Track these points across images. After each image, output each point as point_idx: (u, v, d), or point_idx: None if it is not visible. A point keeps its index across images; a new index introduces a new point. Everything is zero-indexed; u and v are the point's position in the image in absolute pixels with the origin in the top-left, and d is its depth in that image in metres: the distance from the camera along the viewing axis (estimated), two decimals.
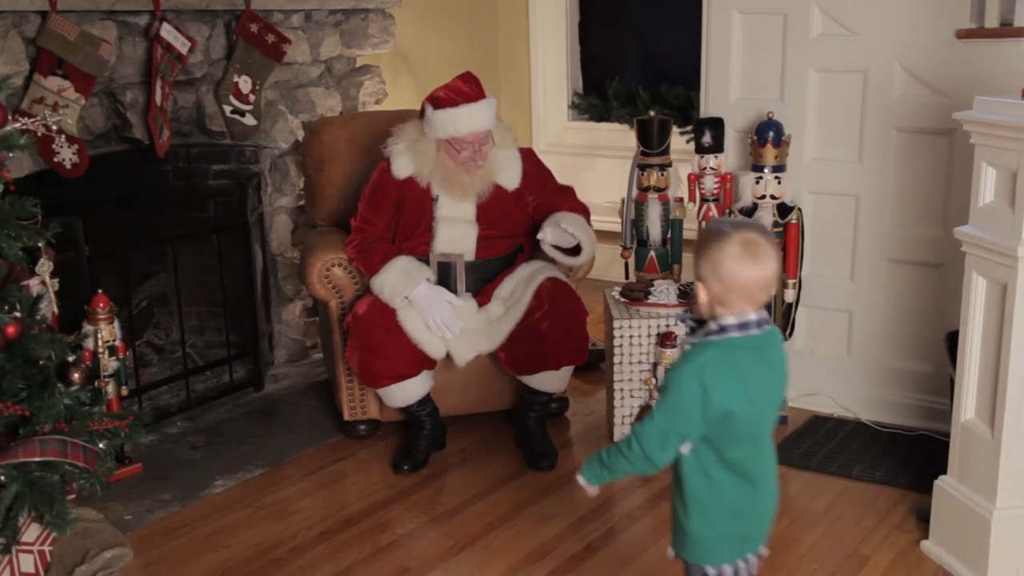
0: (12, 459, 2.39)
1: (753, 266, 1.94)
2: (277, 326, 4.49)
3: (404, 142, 3.47)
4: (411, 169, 3.45)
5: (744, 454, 2.01)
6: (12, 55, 3.31)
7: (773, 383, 2.04)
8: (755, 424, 2.01)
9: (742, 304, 1.97)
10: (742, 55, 3.87)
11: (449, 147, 3.37)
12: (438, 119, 3.35)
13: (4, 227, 2.52)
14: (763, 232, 2.00)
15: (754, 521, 2.07)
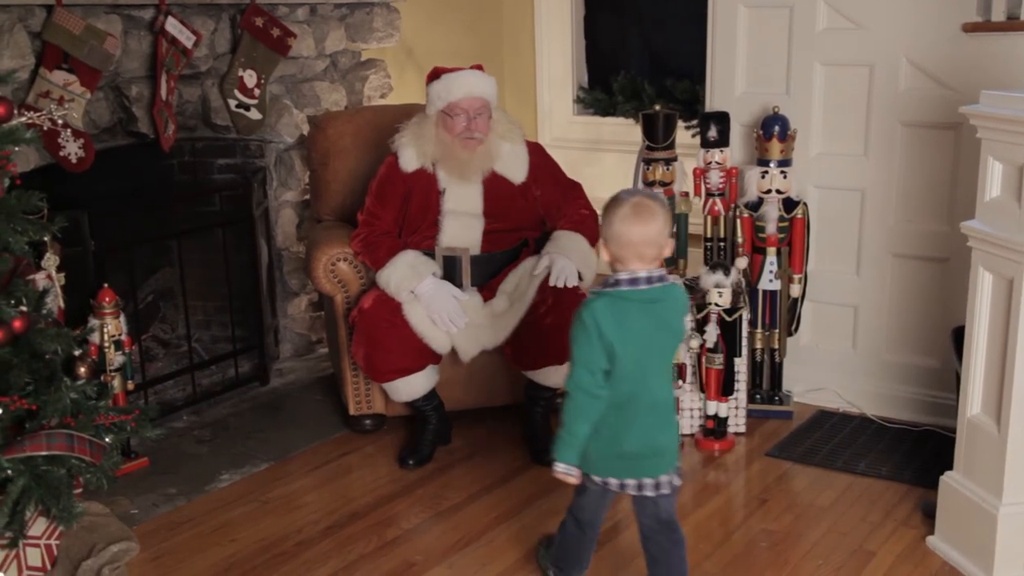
0: (19, 453, 2.39)
1: (639, 225, 2.29)
2: (283, 320, 4.49)
3: (409, 132, 3.47)
4: (417, 161, 3.45)
5: (624, 391, 2.34)
6: (18, 49, 3.30)
7: (659, 333, 2.36)
8: (636, 367, 2.33)
9: (634, 261, 2.31)
10: (747, 49, 3.86)
11: (445, 118, 3.38)
12: (434, 90, 3.38)
13: (10, 221, 2.53)
14: (653, 197, 2.36)
15: (631, 447, 2.39)
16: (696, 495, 3.25)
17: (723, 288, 3.44)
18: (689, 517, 3.09)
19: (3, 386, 2.47)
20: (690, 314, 3.51)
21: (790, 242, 3.70)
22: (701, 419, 3.62)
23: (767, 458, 3.48)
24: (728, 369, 3.51)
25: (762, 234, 3.70)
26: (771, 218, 3.67)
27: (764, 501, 3.19)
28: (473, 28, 5.74)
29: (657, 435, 2.42)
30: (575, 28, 6.00)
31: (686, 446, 3.58)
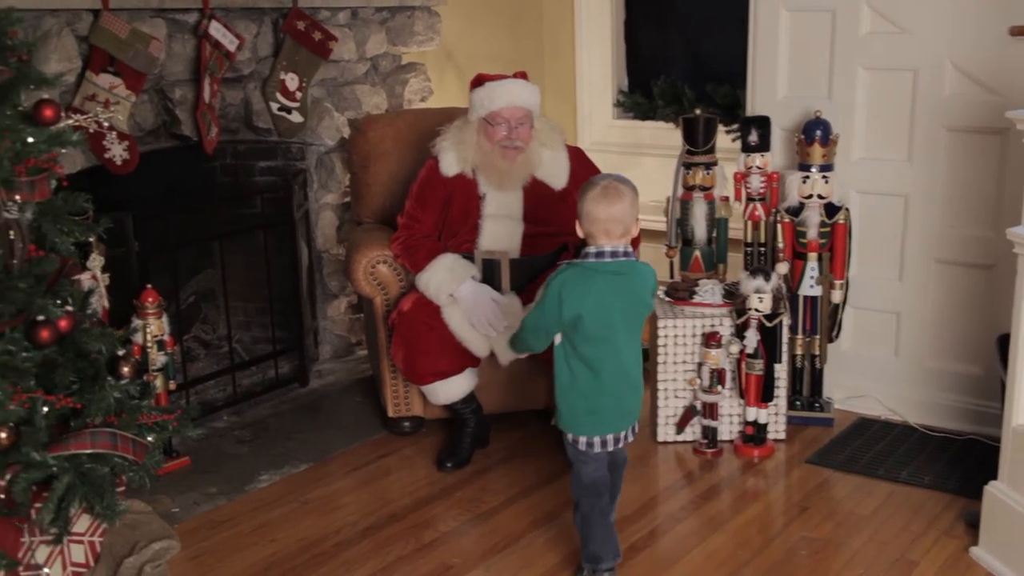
0: (64, 451, 2.42)
1: (605, 204, 2.57)
2: (322, 322, 4.52)
3: (450, 137, 3.48)
4: (458, 166, 3.45)
5: (592, 351, 2.61)
6: (65, 53, 3.35)
7: (623, 303, 2.62)
8: (602, 330, 2.60)
9: (601, 237, 2.58)
10: (789, 53, 3.83)
11: (487, 126, 3.38)
12: (477, 97, 3.38)
13: (57, 222, 2.56)
14: (622, 180, 2.64)
15: (601, 404, 2.65)
16: (735, 502, 3.22)
17: (763, 294, 3.42)
18: (728, 524, 3.08)
19: (49, 385, 2.50)
20: (730, 322, 3.50)
21: (831, 247, 3.67)
22: (740, 425, 3.59)
23: (807, 465, 3.45)
24: (768, 375, 3.48)
25: (803, 239, 3.67)
26: (812, 223, 3.64)
27: (804, 508, 3.16)
28: (513, 31, 5.74)
29: (627, 397, 2.70)
30: (615, 32, 5.98)
31: (725, 452, 3.55)
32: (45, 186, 2.49)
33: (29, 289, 2.44)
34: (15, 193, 2.38)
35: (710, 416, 3.53)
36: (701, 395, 3.52)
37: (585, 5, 5.95)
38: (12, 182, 2.37)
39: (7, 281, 2.40)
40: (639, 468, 3.47)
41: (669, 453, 3.58)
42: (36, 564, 2.55)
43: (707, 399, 3.51)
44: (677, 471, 3.46)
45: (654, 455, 3.57)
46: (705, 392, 3.51)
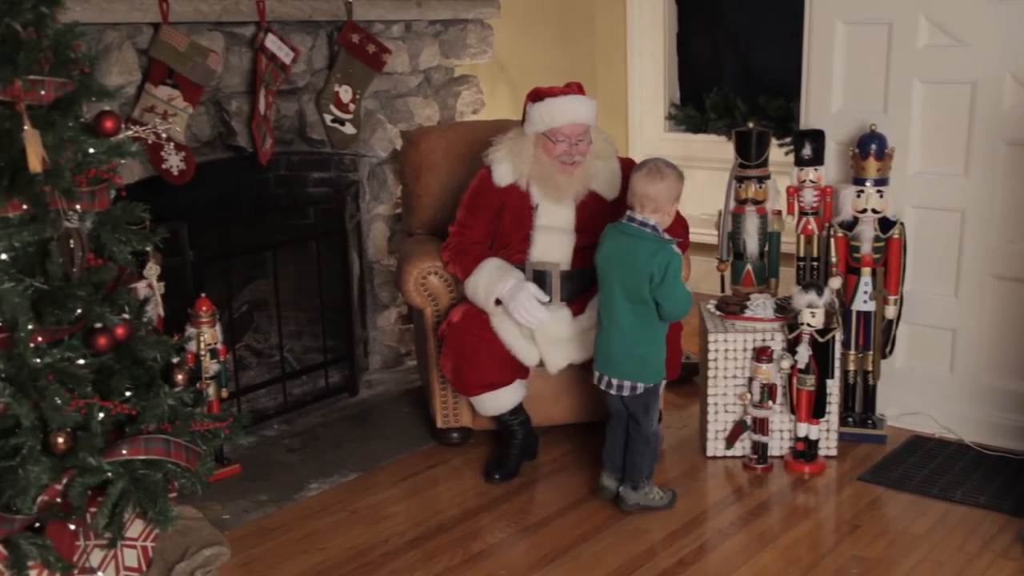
0: (118, 456, 2.46)
1: (644, 182, 3.03)
2: (372, 332, 4.55)
3: (504, 147, 3.48)
4: (512, 176, 3.46)
5: (602, 295, 3.15)
6: (126, 65, 3.41)
7: (621, 260, 3.06)
8: (604, 277, 3.12)
9: (636, 207, 3.06)
10: (844, 66, 3.80)
11: (546, 141, 3.38)
12: (537, 111, 3.37)
13: (115, 231, 2.61)
14: (668, 165, 3.07)
15: (599, 341, 3.18)
16: (785, 518, 3.19)
17: (816, 308, 3.38)
18: (777, 540, 3.04)
19: (105, 391, 2.54)
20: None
21: (886, 262, 3.63)
22: (791, 441, 3.56)
23: (859, 482, 3.41)
24: (820, 391, 3.45)
25: (857, 254, 3.63)
26: (866, 238, 3.60)
27: (856, 526, 3.12)
28: (566, 44, 5.75)
29: (613, 347, 3.12)
30: (668, 44, 5.97)
31: (775, 468, 3.52)
32: (105, 196, 2.54)
33: (88, 297, 2.48)
34: (76, 203, 2.43)
35: (760, 431, 3.50)
36: (751, 410, 3.49)
37: (638, 17, 5.94)
38: (73, 192, 2.42)
39: (67, 289, 2.45)
40: (688, 482, 3.44)
41: (718, 468, 3.56)
42: (91, 568, 2.59)
43: (757, 414, 3.48)
44: (726, 486, 3.43)
45: (703, 470, 3.55)
46: (755, 407, 3.48)
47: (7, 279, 2.34)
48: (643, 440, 3.20)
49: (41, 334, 2.39)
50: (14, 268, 2.38)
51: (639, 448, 3.21)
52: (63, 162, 2.40)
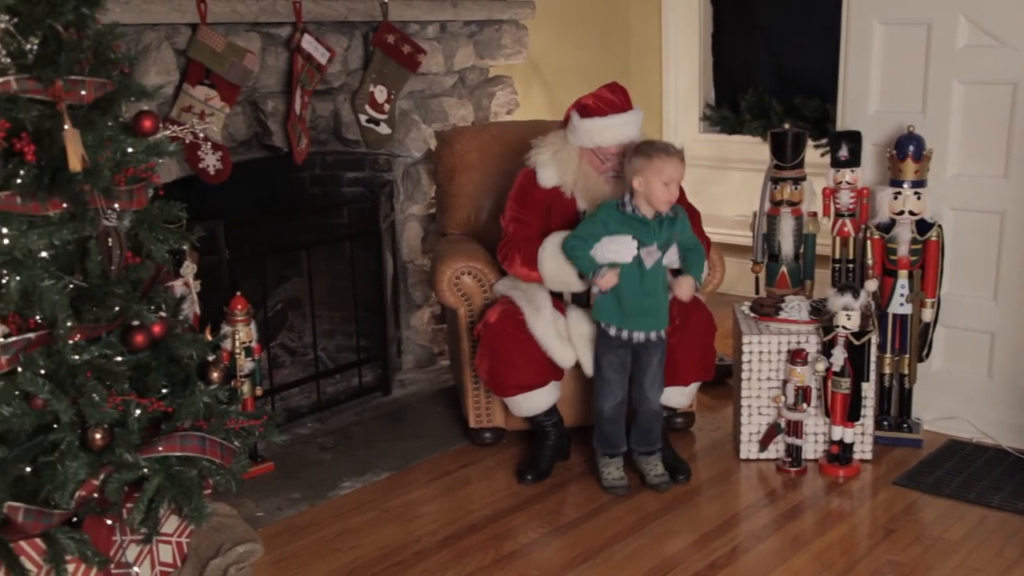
0: (154, 453, 2.48)
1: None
2: (406, 332, 4.56)
3: (548, 151, 3.46)
4: (556, 180, 3.44)
5: None
6: (164, 66, 3.45)
7: None
8: None
9: None
10: (882, 66, 3.77)
11: (592, 156, 3.37)
12: (584, 128, 3.35)
13: (152, 230, 2.63)
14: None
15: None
16: (818, 522, 3.17)
17: (851, 311, 3.36)
18: (811, 544, 3.02)
19: (142, 388, 2.56)
20: (817, 336, 3.45)
21: (923, 265, 3.59)
22: (825, 444, 3.53)
23: (894, 487, 3.38)
24: (855, 394, 3.42)
25: (893, 256, 3.60)
26: (903, 240, 3.57)
27: (891, 531, 3.09)
28: (600, 45, 5.74)
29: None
30: (703, 45, 5.95)
31: (809, 471, 3.49)
32: (143, 195, 2.57)
33: (125, 295, 2.51)
34: (114, 201, 2.46)
35: (794, 434, 3.47)
36: (785, 413, 3.47)
37: (673, 18, 5.92)
38: (112, 191, 2.44)
39: (105, 287, 2.48)
40: (721, 485, 3.43)
41: (752, 470, 3.54)
42: (127, 563, 2.62)
43: (792, 417, 3.46)
44: (760, 489, 3.42)
45: (736, 472, 3.53)
46: (790, 410, 3.46)
47: (47, 277, 2.37)
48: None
49: (80, 331, 2.42)
50: (54, 266, 2.41)
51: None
52: (102, 161, 2.42)
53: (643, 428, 3.37)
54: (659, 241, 3.22)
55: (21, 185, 2.34)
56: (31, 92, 2.35)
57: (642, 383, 3.33)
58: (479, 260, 3.64)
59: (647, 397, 3.33)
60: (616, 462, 3.39)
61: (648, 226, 3.20)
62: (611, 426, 3.36)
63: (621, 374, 3.32)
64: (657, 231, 3.21)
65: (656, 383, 3.33)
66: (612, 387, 3.32)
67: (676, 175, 3.19)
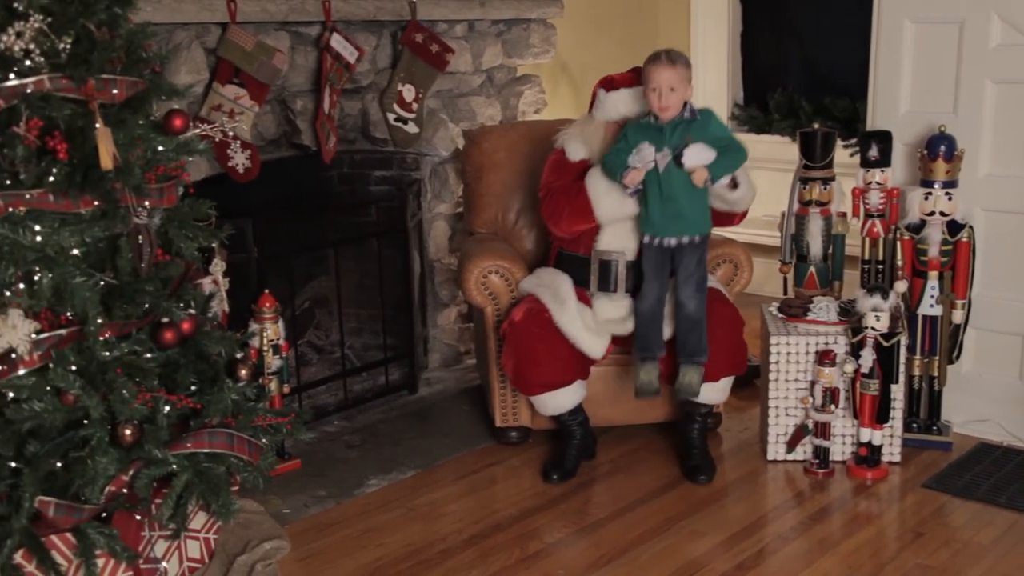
0: (183, 449, 2.50)
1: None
2: (432, 331, 4.57)
3: (575, 129, 3.52)
4: (583, 152, 3.47)
5: None
6: (194, 65, 3.47)
7: None
8: None
9: None
10: (913, 66, 3.74)
11: (617, 128, 3.39)
12: (610, 100, 3.39)
13: (182, 228, 2.65)
14: None
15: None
16: (846, 524, 3.15)
17: (881, 312, 3.33)
18: (838, 547, 3.00)
19: (171, 385, 2.59)
20: (846, 336, 3.43)
21: (953, 266, 3.56)
22: (853, 446, 3.51)
23: (923, 490, 3.35)
24: (884, 396, 3.39)
25: (923, 257, 3.57)
26: (934, 241, 3.54)
27: (919, 534, 3.07)
28: (628, 43, 5.72)
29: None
30: (731, 44, 5.92)
31: (836, 473, 3.47)
32: (173, 193, 2.59)
33: (155, 292, 2.53)
34: (145, 199, 2.48)
35: (822, 436, 3.45)
36: (813, 414, 3.45)
37: (701, 17, 5.90)
38: (143, 189, 2.46)
39: (135, 284, 2.50)
40: (747, 486, 3.41)
41: (779, 472, 3.52)
42: (155, 558, 2.64)
43: (819, 418, 3.44)
44: (787, 491, 3.40)
45: (763, 473, 3.51)
46: (817, 411, 3.44)
47: (78, 274, 2.39)
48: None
49: (110, 328, 2.44)
50: (85, 263, 2.44)
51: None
52: (133, 159, 2.45)
53: (681, 336, 3.34)
54: (669, 145, 3.21)
55: (53, 183, 2.36)
56: (64, 91, 2.38)
57: (679, 289, 3.32)
58: (506, 259, 3.64)
59: (683, 303, 3.31)
60: (648, 365, 3.35)
61: (661, 132, 3.23)
62: (643, 328, 3.37)
63: (656, 278, 3.34)
64: (669, 135, 3.22)
65: (691, 288, 3.31)
66: (647, 288, 3.35)
67: (662, 81, 3.19)
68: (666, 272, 3.34)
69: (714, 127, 3.30)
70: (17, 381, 2.34)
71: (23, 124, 2.33)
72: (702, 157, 3.20)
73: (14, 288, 2.34)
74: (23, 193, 2.34)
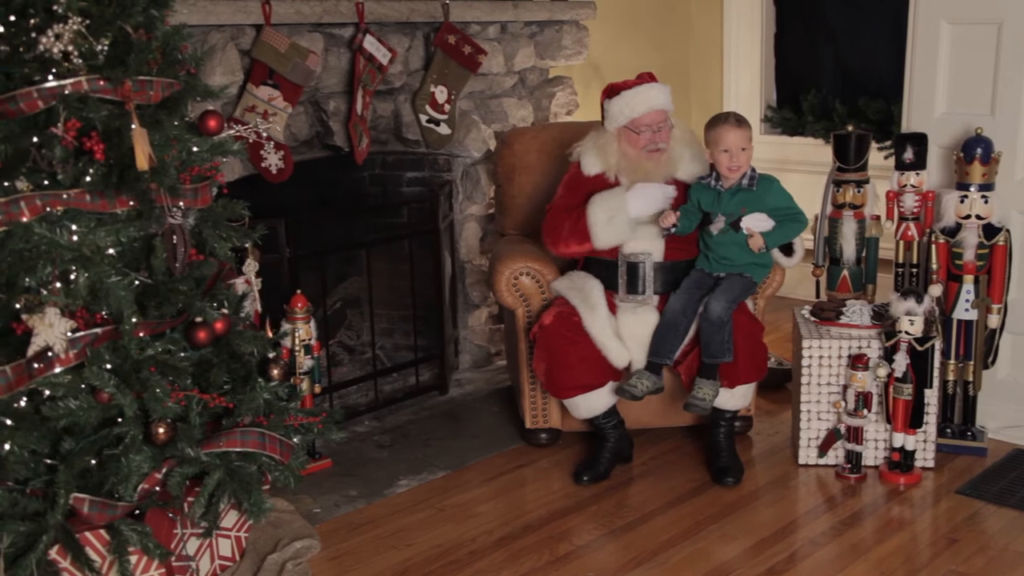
0: (216, 448, 2.52)
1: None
2: (463, 332, 4.58)
3: (588, 143, 3.53)
4: (599, 166, 3.48)
5: None
6: (229, 66, 3.50)
7: None
8: None
9: None
10: (949, 67, 3.70)
11: (629, 133, 3.40)
12: (615, 106, 3.41)
13: (216, 228, 2.67)
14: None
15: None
16: (878, 530, 3.12)
17: (915, 316, 3.30)
18: (870, 552, 2.98)
19: (204, 384, 2.61)
20: (879, 341, 3.40)
21: (989, 270, 3.52)
22: (886, 451, 3.48)
23: (957, 496, 3.32)
24: (917, 400, 3.36)
25: (959, 261, 3.53)
26: (969, 244, 3.50)
27: (953, 541, 3.04)
28: (661, 45, 5.72)
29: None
30: (765, 45, 5.89)
31: (869, 478, 3.44)
32: (207, 193, 2.61)
33: (189, 292, 2.55)
34: (180, 200, 2.50)
35: (854, 440, 3.43)
36: (846, 418, 3.43)
37: (735, 18, 5.88)
38: (177, 189, 2.49)
39: (169, 283, 2.52)
40: (778, 490, 3.39)
41: (810, 476, 3.49)
42: (187, 555, 2.66)
43: (852, 423, 3.42)
44: (818, 495, 3.37)
45: (795, 477, 3.49)
46: (850, 415, 3.41)
47: (114, 273, 2.42)
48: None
49: (144, 327, 2.46)
50: (120, 262, 2.46)
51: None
52: (168, 160, 2.47)
53: (705, 337, 3.33)
54: (724, 211, 3.33)
55: (90, 183, 2.39)
56: (101, 92, 2.40)
57: (712, 294, 3.35)
58: (537, 261, 3.64)
59: (711, 306, 3.31)
60: (647, 373, 3.37)
61: (719, 196, 3.34)
62: (661, 331, 3.38)
63: (689, 290, 3.38)
64: (727, 201, 3.33)
65: (722, 295, 3.32)
66: (676, 298, 3.39)
67: (733, 142, 3.31)
68: (702, 292, 3.38)
69: (774, 196, 3.39)
70: (53, 379, 2.37)
71: (61, 125, 2.35)
72: (760, 225, 3.32)
73: (51, 287, 2.36)
74: (61, 193, 2.37)
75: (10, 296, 2.37)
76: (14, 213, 2.32)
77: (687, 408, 3.35)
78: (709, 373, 3.32)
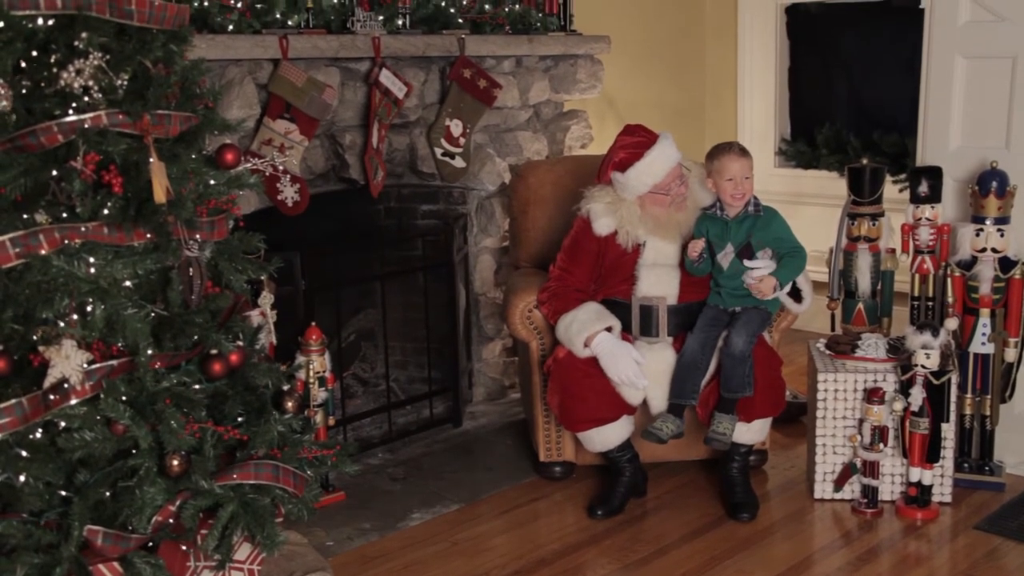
0: (229, 480, 2.51)
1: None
2: (477, 364, 4.58)
3: (600, 204, 3.49)
4: (613, 227, 3.47)
5: None
6: (246, 100, 3.53)
7: None
8: None
9: None
10: (964, 101, 3.70)
11: (654, 196, 3.39)
12: (632, 178, 3.39)
13: (232, 260, 2.68)
14: None
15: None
16: (895, 566, 3.09)
17: (931, 350, 3.29)
18: None
19: (219, 416, 2.60)
20: (895, 374, 3.38)
21: (1006, 303, 3.51)
22: (902, 486, 3.45)
23: (975, 531, 3.29)
24: (934, 434, 3.34)
25: (974, 294, 3.52)
26: (985, 278, 3.49)
27: None
28: (675, 79, 5.74)
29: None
30: (779, 79, 5.91)
31: (885, 513, 3.42)
32: (223, 226, 2.62)
33: (204, 324, 2.55)
34: (196, 232, 2.51)
35: (870, 475, 3.40)
36: (861, 452, 3.41)
37: (749, 52, 5.90)
38: (194, 222, 2.50)
39: (185, 316, 2.52)
40: (793, 525, 3.37)
41: (826, 511, 3.47)
42: None
43: (868, 457, 3.39)
44: (834, 530, 3.35)
45: (810, 512, 3.47)
46: (866, 449, 3.39)
47: (130, 305, 2.42)
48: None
49: (160, 359, 2.47)
50: (137, 295, 2.47)
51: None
52: (186, 193, 2.48)
53: (726, 372, 3.33)
54: (733, 241, 3.37)
55: (108, 216, 2.40)
56: (120, 126, 2.42)
57: (732, 328, 3.36)
58: None
59: (730, 340, 3.33)
60: (671, 416, 3.37)
61: (727, 226, 3.38)
62: (682, 372, 3.40)
63: (706, 329, 3.40)
64: (735, 231, 3.36)
65: (742, 329, 3.33)
66: (694, 338, 3.40)
67: (737, 171, 3.34)
68: (719, 329, 3.39)
69: (776, 226, 3.41)
70: (69, 411, 2.37)
71: (80, 158, 2.37)
72: (763, 269, 3.35)
73: (68, 319, 2.37)
74: (79, 226, 2.38)
75: (27, 328, 2.38)
76: (33, 246, 2.34)
77: (707, 442, 3.34)
78: (728, 407, 3.31)
